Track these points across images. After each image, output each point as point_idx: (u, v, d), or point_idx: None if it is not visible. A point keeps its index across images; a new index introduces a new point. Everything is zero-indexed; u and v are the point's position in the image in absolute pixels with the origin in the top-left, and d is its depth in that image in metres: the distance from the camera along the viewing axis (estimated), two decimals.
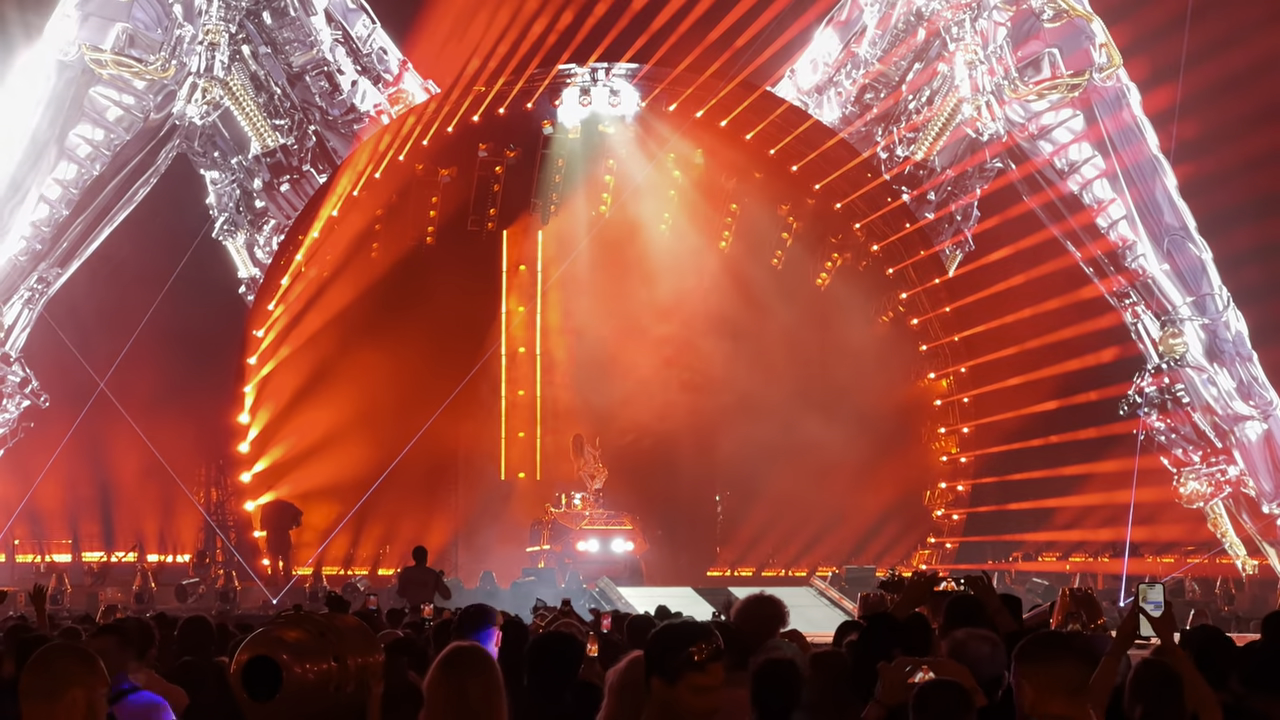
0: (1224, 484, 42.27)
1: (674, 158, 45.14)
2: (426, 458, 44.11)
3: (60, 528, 40.51)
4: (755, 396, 44.24)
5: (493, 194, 44.42)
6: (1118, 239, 42.32)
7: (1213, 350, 42.19)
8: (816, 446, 42.39)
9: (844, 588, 38.73)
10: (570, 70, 43.12)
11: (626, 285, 43.92)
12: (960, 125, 43.72)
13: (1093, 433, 41.67)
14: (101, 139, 39.17)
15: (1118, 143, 42.25)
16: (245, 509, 40.75)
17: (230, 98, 40.70)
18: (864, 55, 43.80)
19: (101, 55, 38.74)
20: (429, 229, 43.91)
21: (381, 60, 42.04)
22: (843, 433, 42.25)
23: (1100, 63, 42.32)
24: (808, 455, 42.49)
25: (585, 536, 40.65)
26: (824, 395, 43.22)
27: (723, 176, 45.45)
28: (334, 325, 40.83)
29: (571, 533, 40.93)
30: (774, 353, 44.52)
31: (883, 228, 45.15)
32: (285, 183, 41.78)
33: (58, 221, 39.00)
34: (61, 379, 39.33)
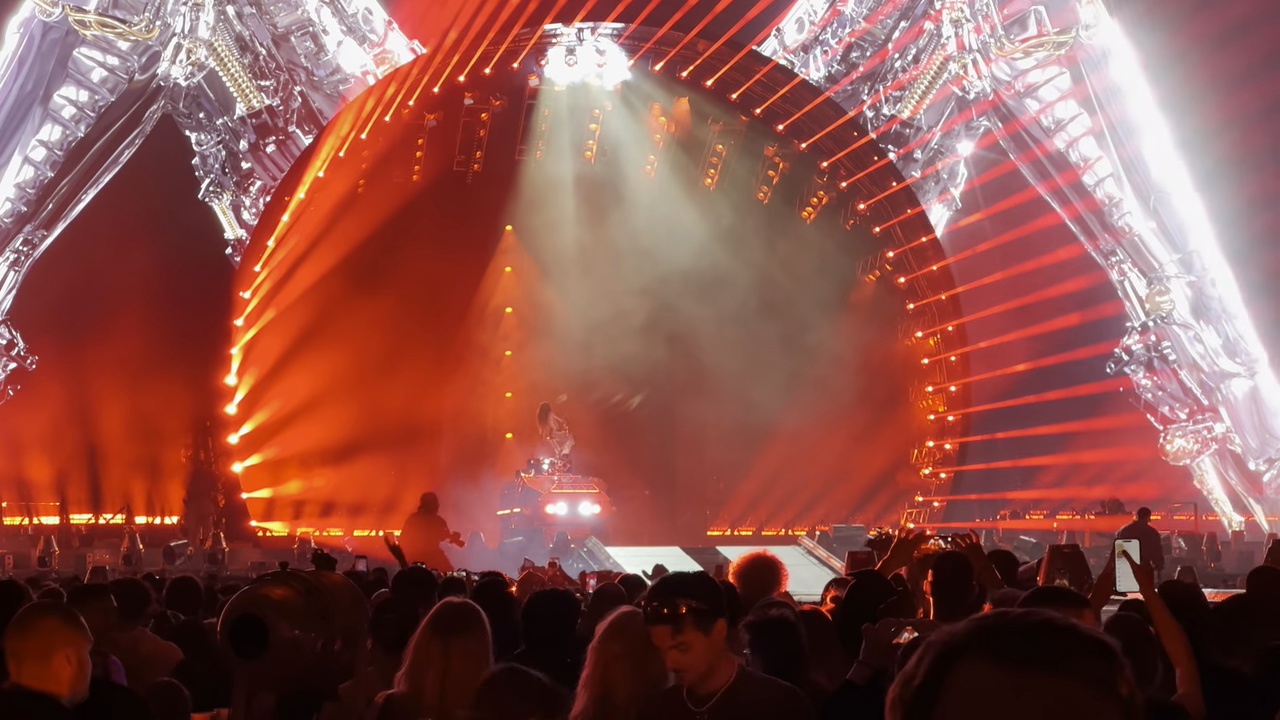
0: (1210, 441, 42.40)
1: (660, 115, 45.13)
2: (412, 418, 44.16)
3: (48, 490, 40.47)
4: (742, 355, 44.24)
5: (479, 139, 44.35)
6: (1104, 196, 42.37)
7: (1199, 307, 42.28)
8: (804, 405, 42.46)
9: (832, 547, 38.80)
10: (556, 30, 43.03)
11: (615, 242, 43.81)
12: (946, 83, 43.69)
13: (1080, 390, 41.71)
14: (86, 100, 39.06)
15: (1104, 100, 42.26)
16: (233, 470, 40.72)
17: (215, 59, 40.57)
18: (850, 13, 43.74)
19: (85, 16, 38.62)
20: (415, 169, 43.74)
21: (367, 21, 41.91)
22: (831, 390, 42.31)
23: (1087, 20, 42.30)
24: (794, 413, 42.56)
25: (554, 500, 41.04)
26: (811, 354, 43.22)
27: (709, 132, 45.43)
28: (321, 286, 40.77)
29: (540, 496, 41.37)
30: (762, 310, 44.51)
31: (869, 186, 45.12)
32: (271, 144, 41.66)
33: (42, 183, 38.91)
34: (48, 341, 39.27)
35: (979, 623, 2.64)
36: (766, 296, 44.40)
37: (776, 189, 45.57)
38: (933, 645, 2.66)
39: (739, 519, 46.72)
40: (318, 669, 4.66)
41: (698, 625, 6.50)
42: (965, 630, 2.64)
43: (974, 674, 2.58)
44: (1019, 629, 2.61)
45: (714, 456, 46.52)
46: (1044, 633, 2.60)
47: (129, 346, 38.15)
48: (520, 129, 44.71)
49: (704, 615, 6.52)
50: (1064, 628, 2.61)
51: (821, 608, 10.48)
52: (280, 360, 40.54)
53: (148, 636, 11.16)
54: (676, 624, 6.45)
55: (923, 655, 2.68)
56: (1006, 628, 2.61)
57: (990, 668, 2.57)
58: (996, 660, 2.58)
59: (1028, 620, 2.62)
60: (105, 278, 39.28)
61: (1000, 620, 2.62)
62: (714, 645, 6.55)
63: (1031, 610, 2.64)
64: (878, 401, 44.19)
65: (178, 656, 10.46)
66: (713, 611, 6.58)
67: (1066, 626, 2.61)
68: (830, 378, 42.49)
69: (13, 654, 6.13)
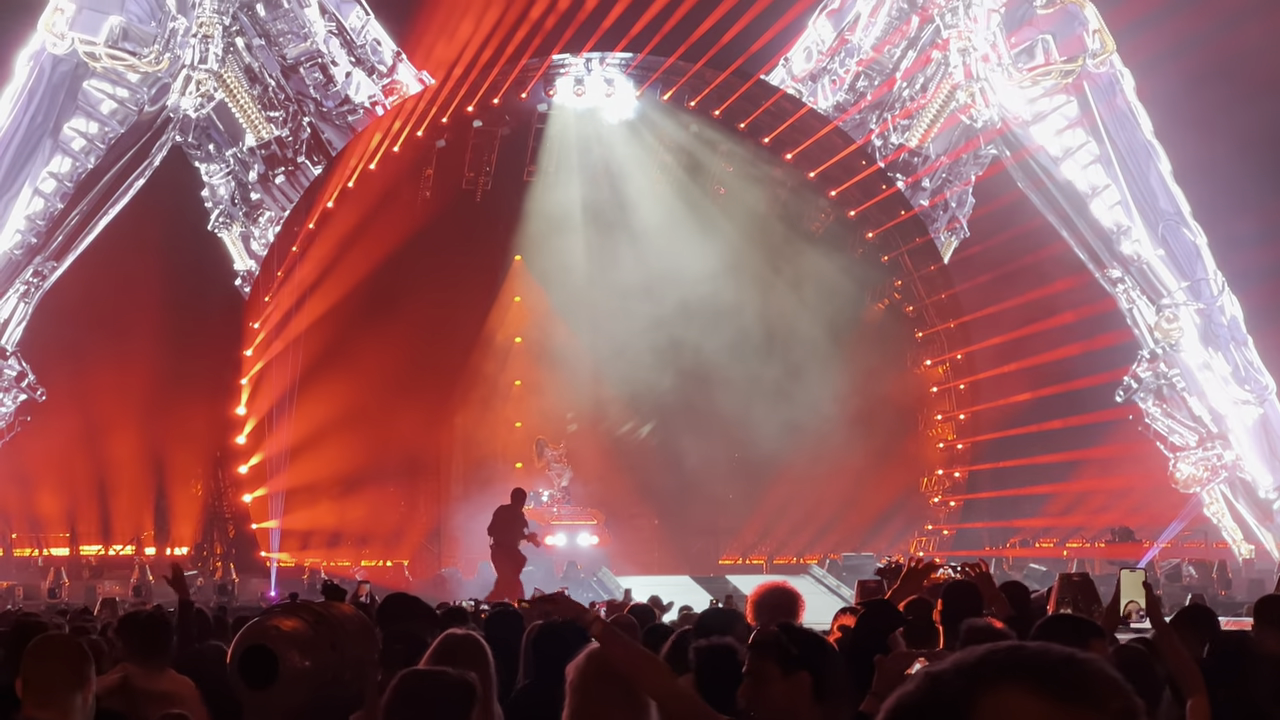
0: (1220, 469, 42.33)
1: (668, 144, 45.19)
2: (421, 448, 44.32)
3: (58, 522, 40.49)
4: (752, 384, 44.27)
5: (487, 160, 44.40)
6: (1112, 224, 42.36)
7: (1208, 335, 42.23)
8: (813, 435, 42.46)
9: (842, 575, 38.76)
10: (564, 60, 43.12)
11: (623, 272, 43.86)
12: (954, 112, 43.73)
13: (1089, 418, 41.68)
14: (96, 132, 39.16)
15: (1111, 128, 42.29)
16: (243, 501, 40.75)
17: (224, 90, 40.68)
18: (857, 42, 43.79)
19: (95, 48, 38.74)
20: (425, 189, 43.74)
21: (375, 52, 42.01)
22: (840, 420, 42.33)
23: (1093, 48, 42.35)
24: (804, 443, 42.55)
25: (553, 531, 41.31)
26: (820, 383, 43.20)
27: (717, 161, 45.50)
28: (330, 316, 40.80)
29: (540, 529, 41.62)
30: (771, 339, 44.54)
31: (877, 215, 45.14)
32: (280, 175, 41.73)
33: (52, 215, 38.98)
34: (58, 373, 39.32)
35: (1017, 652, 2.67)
36: (775, 325, 44.41)
37: (785, 218, 45.56)
38: (961, 669, 2.67)
39: (749, 548, 46.69)
40: (327, 700, 4.68)
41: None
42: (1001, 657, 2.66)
43: (1013, 701, 2.60)
44: (1063, 662, 2.63)
45: (724, 485, 46.49)
46: (1085, 668, 2.63)
47: (139, 378, 38.22)
48: (529, 150, 44.78)
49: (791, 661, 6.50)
50: (1100, 666, 2.64)
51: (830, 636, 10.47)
52: (289, 391, 40.57)
53: (168, 673, 11.17)
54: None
55: (943, 678, 2.69)
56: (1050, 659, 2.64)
57: (1032, 697, 2.60)
58: (1040, 690, 2.60)
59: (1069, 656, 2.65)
60: (115, 309, 39.37)
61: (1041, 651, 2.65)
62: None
63: (1066, 649, 2.67)
64: (887, 430, 44.16)
65: (193, 691, 10.46)
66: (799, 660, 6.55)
67: (1101, 665, 2.64)
68: (839, 406, 42.50)
69: (24, 686, 6.16)
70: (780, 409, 43.45)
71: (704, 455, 46.03)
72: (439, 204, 43.37)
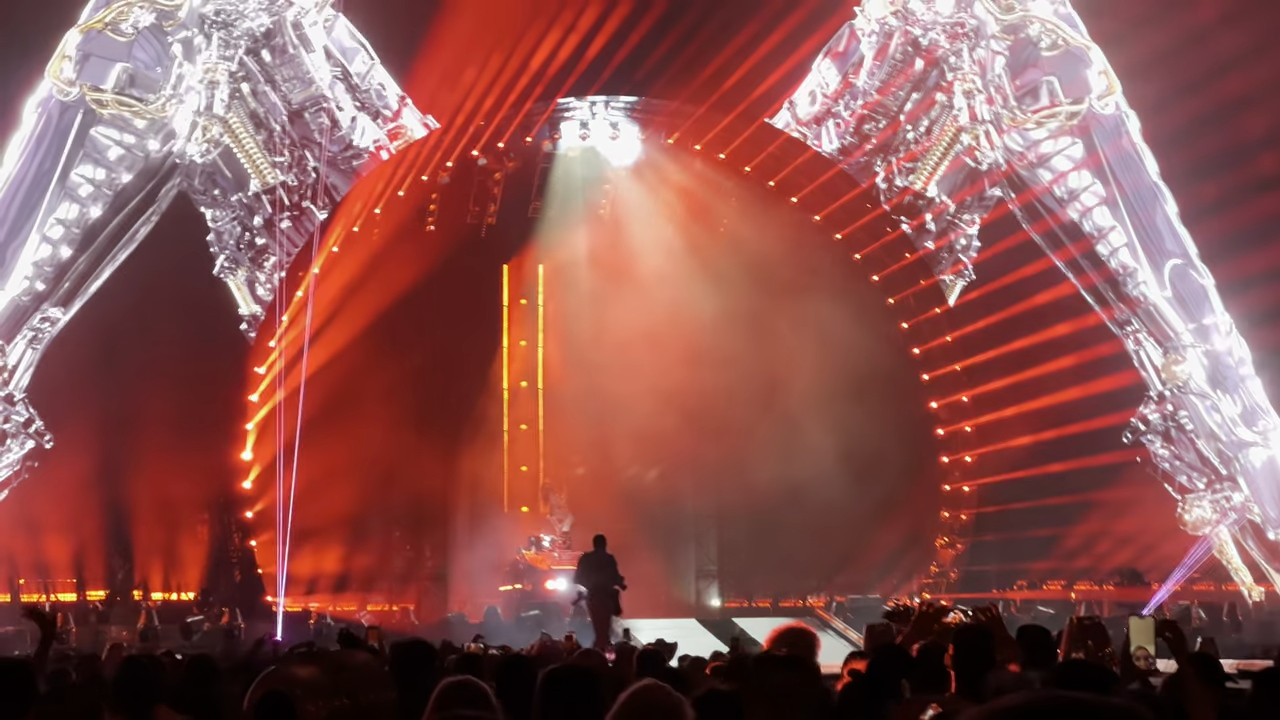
0: (1229, 510, 42.24)
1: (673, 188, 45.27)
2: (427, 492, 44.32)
3: (65, 567, 40.44)
4: (758, 428, 44.27)
5: (492, 195, 44.45)
6: (1118, 266, 42.34)
7: (1216, 376, 42.17)
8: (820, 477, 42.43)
9: (849, 618, 38.72)
10: (569, 104, 43.25)
11: (629, 316, 43.87)
12: (959, 155, 43.78)
13: (1097, 460, 41.60)
14: (103, 178, 39.21)
15: (1117, 170, 42.30)
16: (249, 545, 40.71)
17: (230, 135, 40.75)
18: (862, 86, 43.86)
19: (102, 95, 38.83)
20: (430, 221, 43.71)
21: (380, 96, 42.09)
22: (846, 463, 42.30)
23: (1099, 90, 42.42)
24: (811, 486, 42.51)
25: (554, 576, 41.51)
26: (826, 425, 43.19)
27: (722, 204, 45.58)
28: (335, 361, 40.82)
29: (541, 573, 41.83)
30: (776, 383, 44.55)
31: (883, 257, 45.19)
32: (286, 219, 41.77)
33: (60, 261, 39.01)
34: (65, 419, 39.29)
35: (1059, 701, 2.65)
36: (781, 369, 44.41)
37: (790, 261, 45.54)
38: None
39: (755, 591, 46.60)
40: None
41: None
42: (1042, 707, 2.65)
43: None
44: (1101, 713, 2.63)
45: (731, 528, 46.44)
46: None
47: (145, 423, 38.23)
48: (534, 186, 44.88)
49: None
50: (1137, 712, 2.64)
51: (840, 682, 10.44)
52: (295, 436, 40.55)
53: (165, 713, 11.15)
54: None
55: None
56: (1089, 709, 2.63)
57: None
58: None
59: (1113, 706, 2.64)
60: (122, 355, 39.39)
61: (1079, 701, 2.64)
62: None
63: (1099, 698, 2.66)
64: (893, 473, 44.08)
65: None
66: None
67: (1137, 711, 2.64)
68: (846, 449, 42.48)
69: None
70: (785, 452, 43.43)
71: (710, 498, 46.01)
72: (444, 242, 43.30)
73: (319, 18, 41.10)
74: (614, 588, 32.16)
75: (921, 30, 43.00)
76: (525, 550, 43.47)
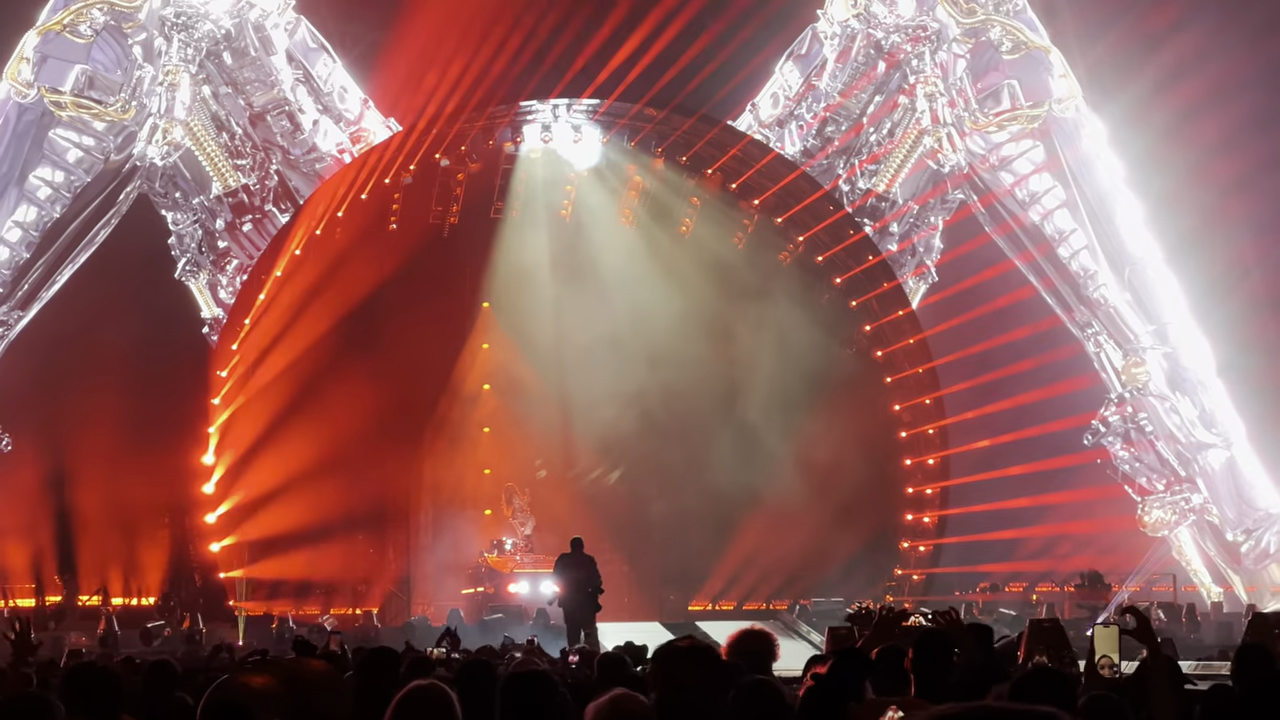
0: (1188, 512, 42.40)
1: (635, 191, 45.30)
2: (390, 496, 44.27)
3: (22, 573, 40.22)
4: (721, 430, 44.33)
5: (454, 195, 44.34)
6: (1079, 269, 42.46)
7: (1175, 379, 42.33)
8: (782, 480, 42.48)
9: (813, 621, 38.74)
10: (531, 107, 43.21)
11: (591, 318, 43.88)
12: (921, 157, 43.87)
13: (1058, 462, 41.73)
14: (61, 181, 39.00)
15: (1078, 173, 42.43)
16: (210, 550, 40.56)
17: (191, 138, 40.63)
18: (824, 88, 43.92)
19: (61, 97, 38.64)
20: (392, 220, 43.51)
21: (343, 99, 42.00)
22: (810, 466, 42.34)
23: (1059, 94, 42.55)
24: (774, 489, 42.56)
25: (516, 579, 41.61)
26: (789, 428, 43.24)
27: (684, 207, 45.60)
28: (298, 365, 40.73)
29: (503, 577, 41.91)
30: (738, 386, 44.60)
31: (846, 260, 45.23)
32: (248, 223, 41.69)
33: (18, 264, 38.80)
34: (23, 422, 39.13)
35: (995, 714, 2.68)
36: (743, 371, 44.47)
37: (752, 263, 45.57)
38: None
39: (720, 594, 46.57)
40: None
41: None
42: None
43: None
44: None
45: (693, 530, 46.42)
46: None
47: (105, 426, 38.05)
48: (496, 188, 44.80)
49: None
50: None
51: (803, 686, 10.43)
52: (257, 439, 40.45)
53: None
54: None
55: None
56: None
57: None
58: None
59: None
60: (81, 358, 39.18)
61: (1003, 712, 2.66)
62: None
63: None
64: (856, 475, 44.07)
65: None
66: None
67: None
68: (808, 452, 42.53)
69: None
70: (748, 454, 43.49)
71: (672, 501, 45.99)
72: (406, 244, 43.14)
73: (280, 20, 40.98)
74: (589, 590, 32.21)
75: (884, 33, 43.08)
76: (487, 554, 43.50)
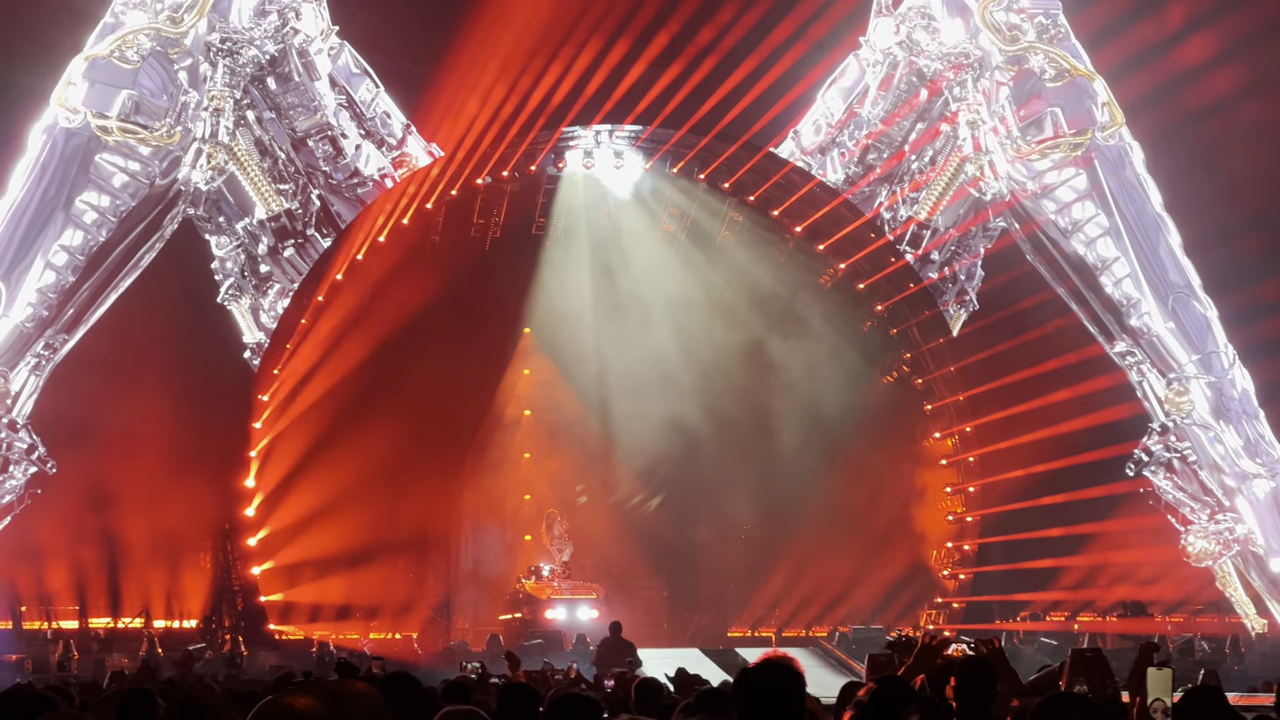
0: (1232, 542, 42.15)
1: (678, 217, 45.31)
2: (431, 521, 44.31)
3: (67, 594, 40.39)
4: (762, 456, 44.29)
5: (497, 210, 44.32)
6: (1121, 297, 42.30)
7: (1219, 408, 42.10)
8: (822, 506, 42.44)
9: (852, 648, 38.65)
10: (574, 133, 43.28)
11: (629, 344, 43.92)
12: (963, 185, 43.79)
13: (1100, 491, 41.54)
14: (107, 205, 39.22)
15: (1121, 200, 42.30)
16: (252, 574, 40.67)
17: (235, 163, 40.81)
18: (866, 116, 43.93)
19: (107, 122, 38.88)
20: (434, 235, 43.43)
21: (385, 124, 42.16)
22: (849, 493, 42.30)
23: (1102, 121, 42.44)
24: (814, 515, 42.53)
25: (553, 605, 41.58)
26: (829, 455, 43.19)
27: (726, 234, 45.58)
28: (340, 388, 40.83)
29: (540, 603, 41.89)
30: (779, 412, 44.55)
31: (886, 287, 45.19)
32: (290, 247, 41.83)
33: (64, 288, 39.00)
34: (68, 445, 39.27)
35: None
36: (784, 398, 44.43)
37: (794, 291, 45.55)
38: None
39: (759, 620, 46.54)
40: None
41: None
42: None
43: None
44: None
45: (733, 557, 46.42)
46: None
47: (148, 450, 38.21)
48: (537, 204, 44.78)
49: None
50: None
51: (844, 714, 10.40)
52: (299, 463, 40.54)
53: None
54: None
55: None
56: None
57: None
58: None
59: None
60: (125, 381, 39.33)
61: None
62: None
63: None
64: (897, 503, 44.05)
65: None
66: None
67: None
68: (849, 479, 42.49)
69: None
70: (788, 481, 43.48)
71: (714, 527, 45.99)
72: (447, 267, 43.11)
73: (324, 46, 41.20)
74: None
75: (926, 61, 43.08)
76: (525, 580, 43.53)
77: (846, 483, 42.54)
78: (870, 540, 43.23)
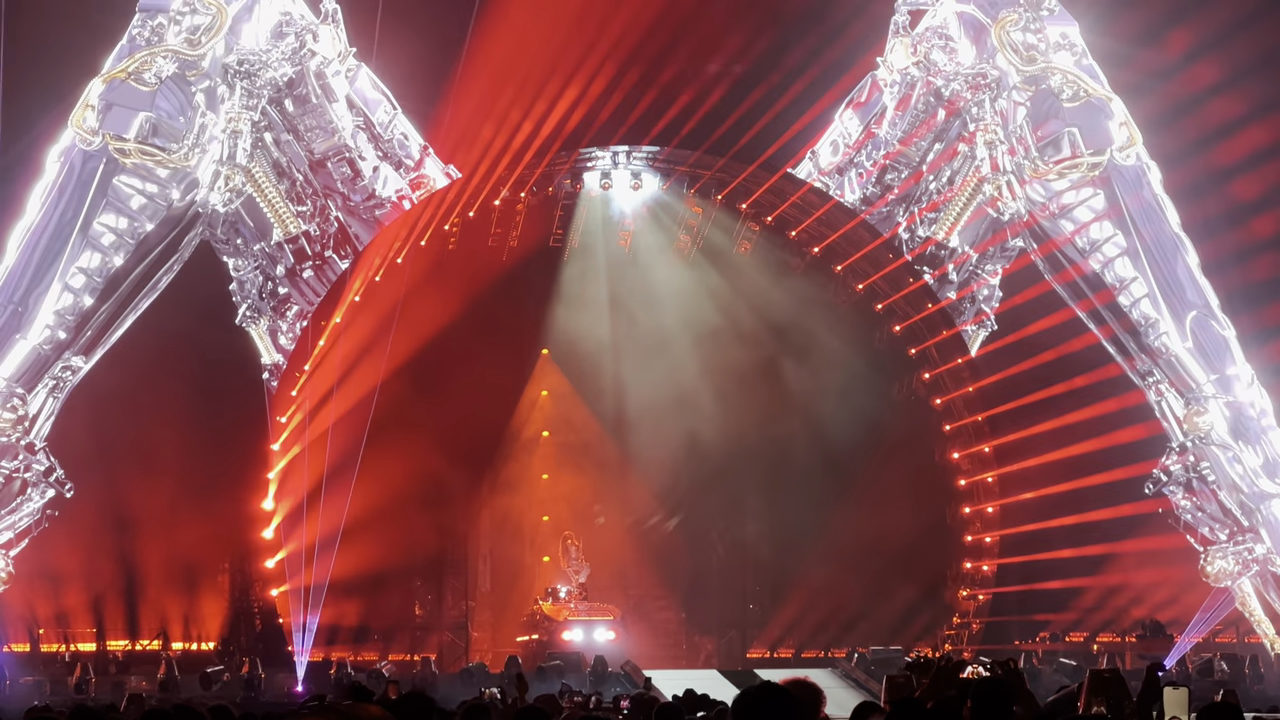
0: (1251, 562, 42.01)
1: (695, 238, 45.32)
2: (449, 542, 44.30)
3: (84, 616, 40.41)
4: (780, 478, 44.26)
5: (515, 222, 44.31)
6: (1140, 317, 42.24)
7: (1238, 428, 42.00)
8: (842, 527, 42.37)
9: (871, 669, 38.56)
10: (592, 154, 43.30)
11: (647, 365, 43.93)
12: (981, 205, 43.73)
13: (1118, 512, 41.44)
14: (125, 227, 39.31)
15: (1139, 220, 42.25)
16: (270, 595, 40.67)
17: (252, 185, 40.83)
18: (884, 136, 43.90)
19: (125, 144, 38.97)
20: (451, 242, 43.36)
21: (403, 146, 42.17)
22: (867, 513, 42.21)
23: (1120, 141, 42.39)
24: (833, 536, 42.46)
25: (570, 627, 41.58)
26: (848, 475, 43.14)
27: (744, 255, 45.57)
28: (357, 411, 40.79)
29: (557, 624, 41.90)
30: (797, 433, 44.52)
31: (904, 307, 45.14)
32: (308, 269, 41.85)
33: (82, 310, 39.07)
34: (86, 467, 39.29)
35: None
36: (802, 420, 44.42)
37: (810, 310, 45.52)
38: None
39: (777, 641, 46.46)
40: None
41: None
42: None
43: None
44: None
45: (751, 579, 46.36)
46: None
47: (166, 471, 38.27)
48: (555, 217, 44.79)
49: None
50: None
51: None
52: (316, 485, 40.51)
53: None
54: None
55: None
56: None
57: None
58: None
59: None
60: (143, 403, 39.39)
61: None
62: None
63: None
64: (914, 523, 43.96)
65: None
66: None
67: None
68: (866, 499, 42.40)
69: None
70: (805, 501, 43.42)
71: (731, 549, 45.92)
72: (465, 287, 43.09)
73: (341, 68, 41.25)
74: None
75: (944, 81, 43.04)
76: (542, 601, 43.50)
77: (864, 503, 42.44)
78: (888, 561, 43.13)
